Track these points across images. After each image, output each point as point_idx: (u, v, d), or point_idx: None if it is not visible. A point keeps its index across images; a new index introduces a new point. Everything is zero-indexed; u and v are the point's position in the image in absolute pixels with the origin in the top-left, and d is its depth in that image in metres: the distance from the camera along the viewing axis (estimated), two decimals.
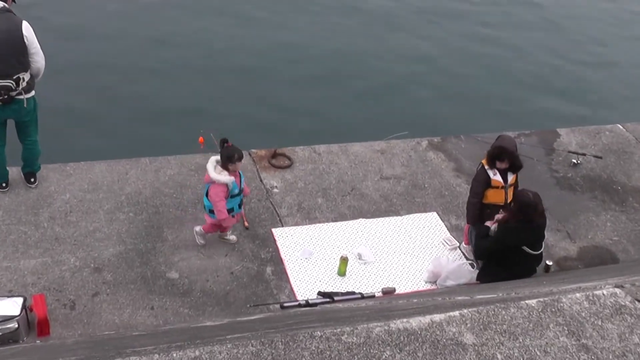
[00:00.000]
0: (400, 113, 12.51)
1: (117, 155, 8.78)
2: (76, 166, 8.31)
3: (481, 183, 7.48)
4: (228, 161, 7.05)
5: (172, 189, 8.19)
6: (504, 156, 7.31)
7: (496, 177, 7.41)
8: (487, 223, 7.33)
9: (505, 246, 6.90)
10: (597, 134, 10.31)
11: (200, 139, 8.56)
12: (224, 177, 7.05)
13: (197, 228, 7.47)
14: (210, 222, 7.34)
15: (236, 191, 7.19)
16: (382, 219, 8.23)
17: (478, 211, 7.55)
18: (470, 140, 9.76)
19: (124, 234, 7.50)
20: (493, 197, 7.47)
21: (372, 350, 3.31)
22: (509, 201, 7.41)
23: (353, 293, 7.10)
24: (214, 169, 7.06)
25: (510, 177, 7.45)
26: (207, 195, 7.18)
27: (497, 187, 7.43)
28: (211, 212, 7.22)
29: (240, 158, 7.12)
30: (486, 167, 7.44)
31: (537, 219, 6.85)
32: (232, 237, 7.62)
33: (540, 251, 7.08)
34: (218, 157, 7.14)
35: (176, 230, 7.63)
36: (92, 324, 6.46)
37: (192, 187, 8.22)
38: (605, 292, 3.93)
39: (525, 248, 6.88)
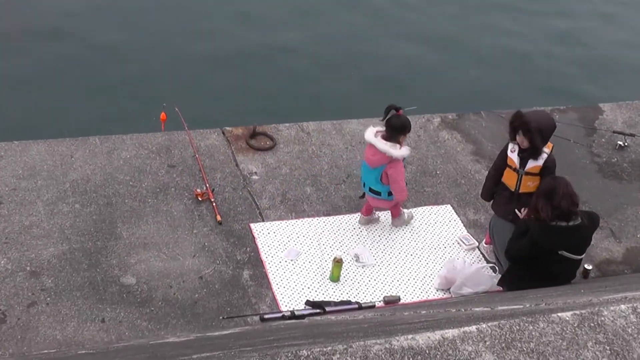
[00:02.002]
0: (407, 83, 12.48)
1: (59, 134, 8.74)
2: (8, 147, 8.25)
3: (500, 155, 7.55)
4: (402, 132, 7.42)
5: (127, 175, 8.15)
6: (516, 123, 7.21)
7: (512, 155, 7.34)
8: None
9: (541, 249, 6.87)
10: None
11: (162, 115, 8.55)
12: (405, 150, 7.44)
13: (396, 222, 8.07)
14: (393, 205, 7.86)
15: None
16: (385, 212, 8.22)
17: (490, 185, 7.66)
18: (493, 118, 9.75)
19: (67, 230, 7.46)
20: (506, 177, 7.46)
21: None
22: (520, 190, 7.34)
23: (348, 302, 7.10)
24: (387, 145, 7.31)
25: (531, 164, 7.34)
26: (380, 179, 7.52)
27: (510, 168, 7.40)
28: (390, 194, 7.62)
29: (410, 127, 7.54)
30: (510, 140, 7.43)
31: (567, 208, 6.73)
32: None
33: (582, 256, 7.06)
34: (375, 130, 7.38)
35: (133, 226, 7.60)
36: (28, 340, 6.41)
37: (153, 173, 8.19)
38: None
39: (564, 252, 6.85)
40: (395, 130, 7.35)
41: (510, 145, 7.36)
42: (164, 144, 8.57)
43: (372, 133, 7.40)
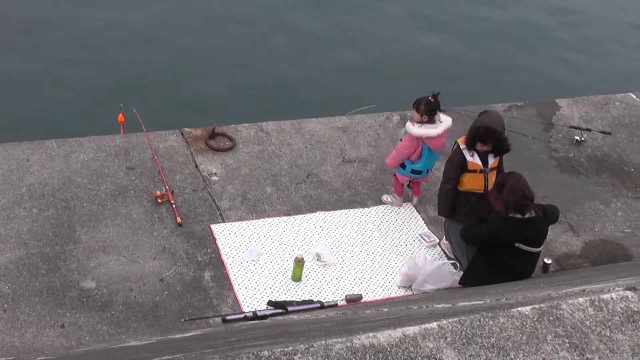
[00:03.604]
0: (366, 81, 12.50)
1: (14, 137, 8.62)
2: None
3: (456, 166, 7.47)
4: (438, 109, 7.92)
5: (85, 178, 8.07)
6: (489, 138, 7.28)
7: (473, 159, 7.37)
8: None
9: (497, 241, 6.92)
10: (604, 105, 10.43)
11: (120, 116, 8.48)
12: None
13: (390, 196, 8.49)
14: None
15: None
16: (345, 211, 8.24)
17: (451, 200, 7.57)
18: (452, 115, 9.74)
19: (25, 234, 7.37)
20: (470, 183, 7.46)
21: None
22: (489, 188, 7.39)
23: (311, 302, 7.11)
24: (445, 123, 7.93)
25: (492, 160, 7.43)
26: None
27: (474, 171, 7.43)
28: None
29: None
30: (462, 146, 7.43)
31: (516, 201, 6.78)
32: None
33: (540, 249, 7.12)
34: (413, 125, 7.90)
35: (92, 229, 7.53)
36: None
37: (112, 176, 8.12)
38: (614, 295, 3.95)
39: (520, 245, 6.90)
40: (435, 110, 7.83)
41: (467, 152, 7.38)
42: (122, 146, 8.49)
43: (422, 129, 7.84)
